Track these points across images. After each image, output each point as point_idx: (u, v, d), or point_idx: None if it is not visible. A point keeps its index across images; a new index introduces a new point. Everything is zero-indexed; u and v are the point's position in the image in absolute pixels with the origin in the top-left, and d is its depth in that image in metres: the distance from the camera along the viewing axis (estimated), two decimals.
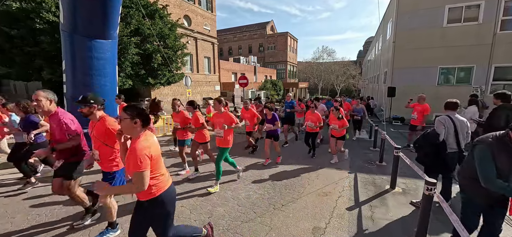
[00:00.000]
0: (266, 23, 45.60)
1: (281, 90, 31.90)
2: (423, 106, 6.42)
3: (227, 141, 4.03)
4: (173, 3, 18.46)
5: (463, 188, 2.31)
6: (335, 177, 4.68)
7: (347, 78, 40.93)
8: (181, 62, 15.87)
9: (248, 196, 3.82)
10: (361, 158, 6.04)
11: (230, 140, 4.08)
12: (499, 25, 10.25)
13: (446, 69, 11.69)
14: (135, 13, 11.89)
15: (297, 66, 49.18)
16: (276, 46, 43.73)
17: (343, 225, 3.06)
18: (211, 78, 24.09)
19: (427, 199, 2.30)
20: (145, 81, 13.83)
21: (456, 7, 10.93)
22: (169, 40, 13.86)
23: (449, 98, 3.54)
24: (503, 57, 10.29)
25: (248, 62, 34.84)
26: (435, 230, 2.90)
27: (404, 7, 11.97)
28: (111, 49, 6.17)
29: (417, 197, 3.69)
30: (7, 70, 10.09)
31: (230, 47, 46.29)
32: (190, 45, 20.16)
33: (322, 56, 43.28)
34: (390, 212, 3.39)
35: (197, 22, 21.37)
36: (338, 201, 3.67)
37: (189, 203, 3.57)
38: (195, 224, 3.02)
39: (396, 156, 4.02)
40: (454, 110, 3.36)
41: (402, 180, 4.44)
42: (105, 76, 6.06)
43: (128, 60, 11.55)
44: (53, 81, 10.04)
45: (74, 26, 5.53)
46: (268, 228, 2.96)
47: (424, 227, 2.35)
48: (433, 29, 11.45)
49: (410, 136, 6.84)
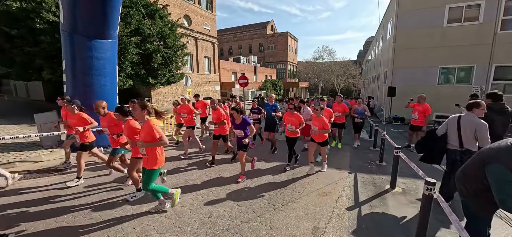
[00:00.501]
0: (266, 23, 45.58)
1: (281, 90, 31.93)
2: (424, 106, 6.40)
3: (154, 160, 3.00)
4: (173, 3, 18.45)
5: (467, 204, 2.12)
6: (335, 177, 4.67)
7: (347, 78, 40.89)
8: (181, 62, 15.87)
9: (248, 195, 3.82)
10: (361, 157, 6.04)
11: (158, 159, 3.03)
12: (499, 25, 10.23)
13: (446, 69, 11.68)
14: (135, 13, 11.88)
15: (297, 66, 49.15)
16: (276, 46, 43.72)
17: (343, 225, 3.06)
18: (211, 78, 24.08)
19: (427, 199, 2.30)
20: (145, 81, 13.82)
21: (457, 7, 10.91)
22: (169, 40, 13.86)
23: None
24: (503, 57, 10.27)
25: (248, 62, 34.82)
26: (435, 230, 2.90)
27: (404, 7, 11.95)
28: (111, 49, 6.17)
29: (417, 197, 3.69)
30: (7, 70, 10.09)
31: (230, 47, 46.28)
32: (190, 45, 20.15)
33: (322, 56, 43.27)
34: (390, 212, 3.39)
35: (197, 22, 21.36)
36: (338, 201, 3.66)
37: (188, 203, 3.57)
38: (195, 224, 3.02)
39: (396, 156, 4.01)
40: (469, 110, 3.33)
41: (402, 180, 4.44)
42: (105, 76, 6.07)
43: (128, 60, 11.54)
44: (53, 81, 10.05)
45: (74, 26, 5.53)
46: (268, 228, 2.96)
47: (424, 227, 2.35)
48: (433, 29, 11.43)
49: (410, 136, 6.83)
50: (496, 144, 1.90)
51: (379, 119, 12.54)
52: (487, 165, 1.85)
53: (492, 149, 1.90)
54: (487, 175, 1.83)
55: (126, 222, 3.05)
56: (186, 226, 2.98)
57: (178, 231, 2.87)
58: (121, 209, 3.34)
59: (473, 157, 2.12)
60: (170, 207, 3.35)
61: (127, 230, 2.88)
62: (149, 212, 3.26)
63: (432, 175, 2.49)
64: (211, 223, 3.04)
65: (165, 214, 3.22)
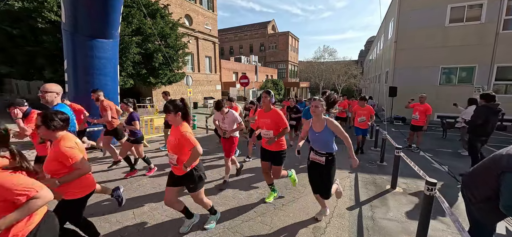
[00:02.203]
0: (267, 23, 45.56)
1: (282, 90, 31.91)
2: (425, 106, 6.38)
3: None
4: (175, 3, 18.47)
5: (475, 211, 1.98)
6: (336, 177, 4.66)
7: (349, 77, 40.81)
8: (182, 62, 15.92)
9: (249, 195, 3.83)
10: (362, 157, 6.03)
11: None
12: (501, 25, 10.19)
13: (448, 69, 11.64)
14: (136, 12, 11.92)
15: (298, 66, 49.12)
16: (277, 46, 43.70)
17: (344, 224, 3.06)
18: (212, 78, 24.10)
19: (427, 199, 2.30)
20: (146, 81, 13.88)
21: (459, 7, 10.87)
22: (170, 39, 13.90)
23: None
24: (505, 57, 10.23)
25: (249, 61, 34.85)
26: (436, 230, 2.90)
27: (406, 7, 11.91)
28: (112, 49, 6.19)
29: (418, 197, 3.68)
30: (9, 70, 10.15)
31: (231, 47, 46.30)
32: (191, 44, 20.18)
33: (323, 55, 43.21)
34: (391, 212, 3.39)
35: (198, 21, 21.38)
36: (338, 201, 3.66)
37: (189, 202, 3.57)
38: (195, 223, 3.03)
39: (397, 156, 4.01)
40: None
41: (403, 180, 4.44)
42: (106, 75, 6.08)
43: (129, 59, 11.59)
44: (55, 81, 10.10)
45: (75, 25, 5.55)
46: (268, 227, 2.97)
47: (424, 227, 2.35)
48: (435, 28, 11.40)
49: (411, 136, 6.80)
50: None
51: (380, 118, 12.51)
52: (506, 173, 1.73)
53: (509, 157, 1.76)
54: (503, 182, 1.72)
55: (128, 221, 3.06)
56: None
57: (179, 230, 2.88)
58: (121, 208, 3.35)
59: (484, 164, 1.94)
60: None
61: (128, 229, 2.90)
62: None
63: (432, 175, 2.49)
64: None
65: (165, 213, 3.23)
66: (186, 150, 2.46)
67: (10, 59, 9.88)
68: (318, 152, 2.84)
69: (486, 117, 4.21)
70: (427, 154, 6.22)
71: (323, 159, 2.80)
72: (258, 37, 44.85)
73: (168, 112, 2.43)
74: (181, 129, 2.42)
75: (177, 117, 2.45)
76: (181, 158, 2.48)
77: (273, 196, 3.67)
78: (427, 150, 6.65)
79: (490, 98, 4.22)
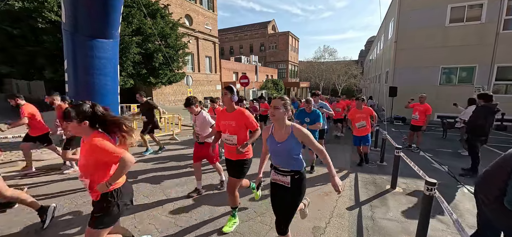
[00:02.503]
0: (267, 23, 45.57)
1: (282, 90, 31.92)
2: (424, 106, 6.38)
3: None
4: (175, 3, 18.49)
5: (486, 213, 1.92)
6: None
7: (349, 77, 40.86)
8: (182, 62, 15.93)
9: (248, 195, 3.83)
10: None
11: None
12: (502, 25, 10.18)
13: (448, 69, 11.64)
14: (136, 12, 11.93)
15: (298, 66, 49.12)
16: (277, 46, 43.70)
17: (343, 224, 3.06)
18: (212, 78, 24.12)
19: (427, 199, 2.30)
20: (147, 81, 13.89)
21: (459, 7, 10.87)
22: (171, 39, 13.91)
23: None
24: (505, 57, 10.23)
25: (249, 61, 34.84)
26: (435, 230, 2.90)
27: (406, 7, 11.92)
28: (112, 49, 6.18)
29: (418, 197, 3.68)
30: (9, 69, 10.17)
31: (231, 47, 46.31)
32: (191, 44, 20.19)
33: (323, 55, 43.28)
34: (391, 212, 3.39)
35: (198, 21, 21.39)
36: (338, 201, 3.67)
37: (189, 202, 3.58)
38: (195, 223, 3.03)
39: (396, 156, 4.01)
40: None
41: (403, 180, 4.44)
42: (106, 75, 6.07)
43: (129, 59, 11.60)
44: (55, 81, 10.12)
45: (76, 25, 5.55)
46: (268, 227, 2.97)
47: (423, 227, 2.35)
48: (435, 28, 11.40)
49: (411, 136, 6.81)
50: None
51: (380, 118, 12.51)
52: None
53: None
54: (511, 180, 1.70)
55: (128, 220, 3.06)
56: (187, 225, 2.99)
57: (179, 229, 2.88)
58: None
59: (497, 163, 1.89)
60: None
61: (129, 229, 2.90)
62: None
63: (432, 175, 2.49)
64: (212, 222, 3.05)
65: (166, 213, 3.24)
66: (106, 167, 1.82)
67: (10, 59, 9.90)
68: (280, 170, 2.08)
69: (485, 117, 4.27)
70: (427, 154, 6.22)
71: (287, 179, 2.03)
72: (258, 37, 44.85)
73: (69, 120, 1.73)
74: (94, 140, 1.73)
75: (82, 127, 1.75)
76: (95, 179, 1.79)
77: (233, 223, 2.91)
78: (427, 150, 6.65)
79: (489, 98, 4.29)
